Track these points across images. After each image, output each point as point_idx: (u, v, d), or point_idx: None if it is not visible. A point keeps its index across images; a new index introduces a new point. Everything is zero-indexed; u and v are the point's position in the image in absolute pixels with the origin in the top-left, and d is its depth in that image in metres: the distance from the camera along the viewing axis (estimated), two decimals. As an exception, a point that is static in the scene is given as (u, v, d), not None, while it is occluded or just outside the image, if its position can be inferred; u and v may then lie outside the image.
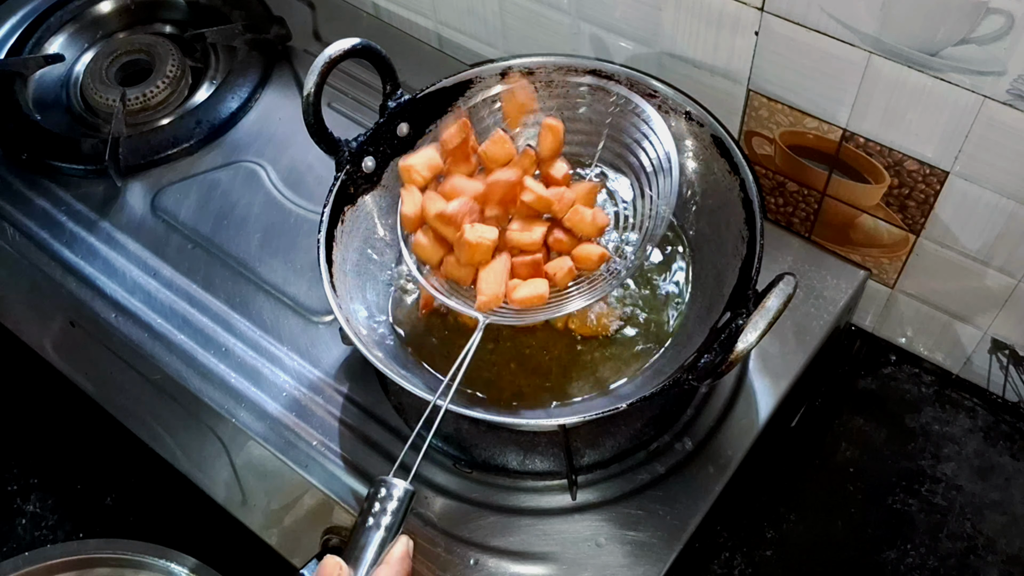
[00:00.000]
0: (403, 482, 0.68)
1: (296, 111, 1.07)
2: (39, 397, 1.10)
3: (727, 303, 0.77)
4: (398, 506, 0.68)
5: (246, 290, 0.97)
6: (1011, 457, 0.97)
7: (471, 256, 0.78)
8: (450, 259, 0.80)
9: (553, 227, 0.81)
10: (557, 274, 0.79)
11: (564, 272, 0.79)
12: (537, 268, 0.79)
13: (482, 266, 0.79)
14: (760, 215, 0.77)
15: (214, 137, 1.08)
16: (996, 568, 0.92)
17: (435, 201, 0.81)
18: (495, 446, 0.84)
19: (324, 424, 0.88)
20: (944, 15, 0.73)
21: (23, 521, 1.05)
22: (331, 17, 1.19)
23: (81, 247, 1.02)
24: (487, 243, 0.78)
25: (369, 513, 0.67)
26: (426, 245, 0.81)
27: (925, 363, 1.03)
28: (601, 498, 0.83)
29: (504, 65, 0.88)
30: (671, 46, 0.92)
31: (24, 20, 1.21)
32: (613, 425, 0.83)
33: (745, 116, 0.94)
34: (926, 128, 0.81)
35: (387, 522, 0.67)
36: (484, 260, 0.79)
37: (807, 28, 0.81)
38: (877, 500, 0.96)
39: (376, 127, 0.86)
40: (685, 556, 0.81)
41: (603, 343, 0.83)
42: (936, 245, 0.91)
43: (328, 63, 0.79)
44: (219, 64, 1.15)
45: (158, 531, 0.95)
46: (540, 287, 0.78)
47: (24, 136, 1.09)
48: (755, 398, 0.87)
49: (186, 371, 0.92)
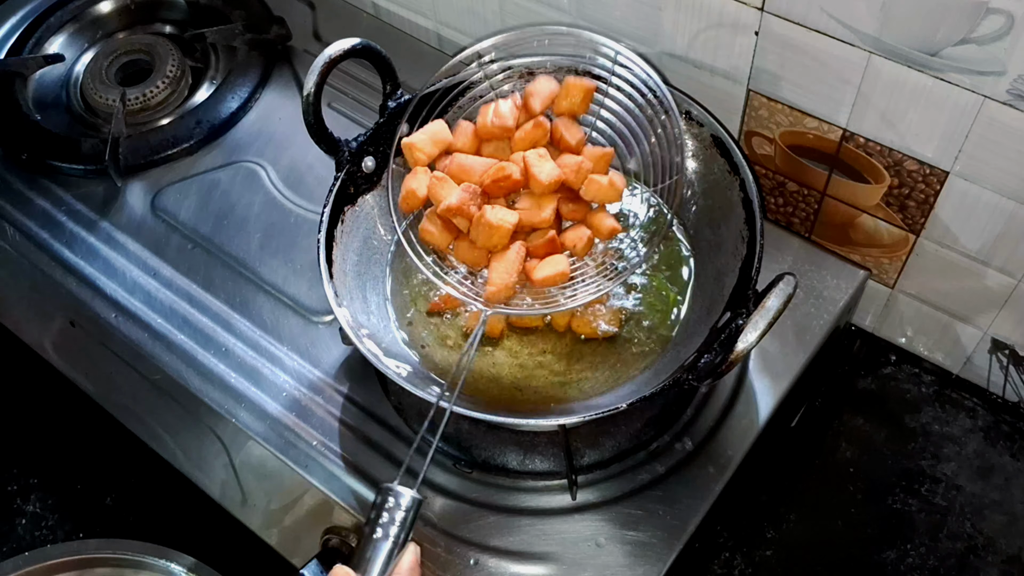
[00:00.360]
0: (410, 491, 0.68)
1: (296, 111, 1.07)
2: (39, 397, 1.10)
3: (727, 303, 0.77)
4: (405, 516, 0.67)
5: (246, 290, 0.97)
6: (1011, 457, 0.97)
7: (488, 239, 0.77)
8: (462, 243, 0.80)
9: (564, 198, 0.80)
10: (576, 245, 0.78)
11: (583, 242, 0.78)
12: (553, 245, 0.78)
13: (497, 250, 0.78)
14: (760, 215, 0.78)
15: (214, 137, 1.08)
16: (996, 568, 0.92)
17: (444, 187, 0.79)
18: (495, 446, 0.84)
19: (324, 424, 0.88)
20: (944, 15, 0.73)
21: (23, 521, 1.05)
22: (331, 17, 1.19)
23: (81, 247, 1.02)
24: (507, 226, 0.76)
25: (376, 523, 0.66)
26: (434, 232, 0.80)
27: (925, 363, 1.03)
28: (601, 498, 0.83)
29: (504, 65, 0.89)
30: (671, 46, 0.92)
31: (24, 20, 1.21)
32: (613, 425, 0.83)
33: (745, 116, 0.94)
34: (926, 128, 0.81)
35: (395, 532, 0.66)
36: (501, 243, 0.77)
37: (807, 28, 0.81)
38: (877, 500, 0.96)
39: (376, 127, 0.86)
40: (685, 556, 0.81)
41: (603, 343, 0.83)
42: (936, 245, 0.91)
43: (328, 63, 0.79)
44: (219, 64, 1.15)
45: (158, 531, 0.95)
46: (560, 264, 0.77)
47: (24, 136, 1.09)
48: (755, 398, 0.87)
49: (186, 371, 0.92)
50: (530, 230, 0.79)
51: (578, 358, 0.83)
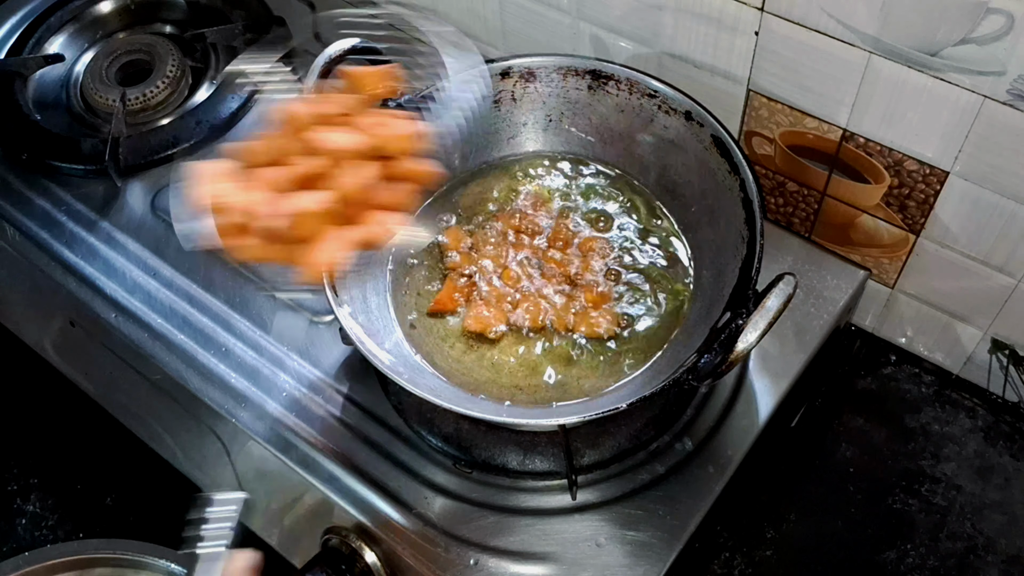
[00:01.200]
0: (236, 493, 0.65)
1: (296, 111, 1.07)
2: (39, 397, 1.10)
3: (727, 303, 0.77)
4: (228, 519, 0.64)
5: (246, 290, 0.97)
6: (1011, 457, 0.97)
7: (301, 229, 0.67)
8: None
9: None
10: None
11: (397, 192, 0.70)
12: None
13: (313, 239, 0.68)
14: (760, 215, 0.78)
15: (214, 137, 1.08)
16: (996, 568, 0.92)
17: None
18: (495, 446, 0.84)
19: (324, 424, 0.88)
20: (944, 15, 0.73)
21: (23, 521, 1.05)
22: (331, 17, 1.19)
23: (81, 247, 1.02)
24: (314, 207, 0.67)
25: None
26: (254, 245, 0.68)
27: (925, 363, 1.03)
28: (601, 498, 0.83)
29: (504, 65, 0.89)
30: (671, 46, 0.92)
31: (24, 20, 1.20)
32: (613, 425, 0.83)
33: (745, 116, 0.94)
34: (926, 128, 0.81)
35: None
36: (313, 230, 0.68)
37: (807, 28, 0.81)
38: (877, 500, 0.96)
39: (376, 127, 0.86)
40: (685, 556, 0.81)
41: (603, 343, 0.83)
42: (936, 245, 0.91)
43: (328, 63, 0.79)
44: (219, 64, 1.15)
45: (158, 531, 0.95)
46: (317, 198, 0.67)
47: (24, 136, 1.09)
48: (755, 398, 0.87)
49: (186, 371, 0.92)
50: None
51: (578, 358, 0.83)
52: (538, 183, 0.93)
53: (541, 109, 0.91)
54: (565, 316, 0.84)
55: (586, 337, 0.84)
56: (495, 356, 0.84)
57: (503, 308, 0.85)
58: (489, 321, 0.84)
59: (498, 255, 0.87)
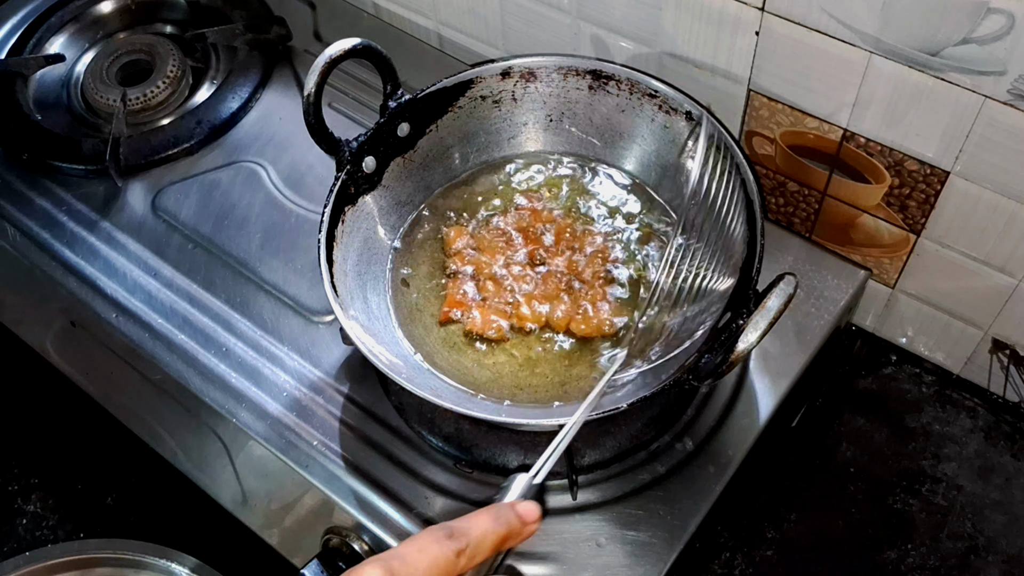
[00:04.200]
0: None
1: (297, 111, 1.07)
2: (39, 397, 1.10)
3: (727, 303, 0.77)
4: None
5: (246, 290, 0.97)
6: (1012, 457, 0.97)
7: None
8: None
9: None
10: None
11: None
12: None
13: None
14: (761, 215, 0.77)
15: (215, 137, 1.08)
16: (997, 568, 0.92)
17: None
18: (495, 446, 0.84)
19: (324, 424, 0.88)
20: (944, 15, 0.73)
21: (23, 521, 1.05)
22: (331, 17, 1.19)
23: (81, 247, 1.02)
24: None
25: None
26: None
27: (926, 363, 1.03)
28: (601, 498, 0.83)
29: (504, 65, 0.89)
30: (671, 46, 0.92)
31: (25, 20, 1.21)
32: (613, 425, 0.83)
33: (746, 116, 0.94)
34: (927, 128, 0.81)
35: None
36: None
37: (808, 28, 0.81)
38: (877, 500, 0.96)
39: (377, 127, 0.86)
40: (686, 556, 0.81)
41: (603, 343, 0.83)
42: (937, 245, 0.91)
43: (328, 63, 0.79)
44: (220, 64, 1.15)
45: (158, 531, 0.95)
46: None
47: (24, 136, 1.09)
48: (755, 398, 0.87)
49: (186, 371, 0.92)
50: None
51: (578, 358, 0.83)
52: (539, 183, 0.93)
53: (542, 109, 0.91)
54: (565, 316, 0.84)
55: (587, 337, 0.84)
56: (495, 356, 0.84)
57: (503, 308, 0.85)
58: (489, 321, 0.84)
59: (498, 255, 0.87)
